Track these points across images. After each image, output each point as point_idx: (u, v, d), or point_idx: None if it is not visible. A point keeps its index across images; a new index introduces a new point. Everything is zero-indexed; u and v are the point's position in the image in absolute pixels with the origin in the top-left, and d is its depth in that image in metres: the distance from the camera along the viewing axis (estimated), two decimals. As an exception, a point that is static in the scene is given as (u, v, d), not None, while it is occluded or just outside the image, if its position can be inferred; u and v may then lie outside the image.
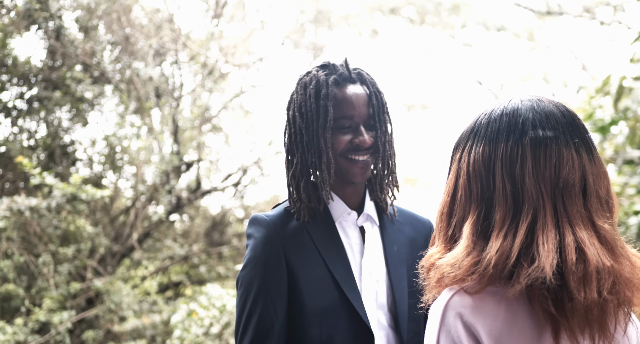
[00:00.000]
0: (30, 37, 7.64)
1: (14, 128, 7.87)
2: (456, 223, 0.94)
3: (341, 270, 1.30)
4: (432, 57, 9.90)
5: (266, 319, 1.27)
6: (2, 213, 5.01)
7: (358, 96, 1.36)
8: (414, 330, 1.32)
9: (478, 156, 0.92)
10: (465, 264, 0.87)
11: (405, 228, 1.44)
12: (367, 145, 1.35)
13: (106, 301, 6.47)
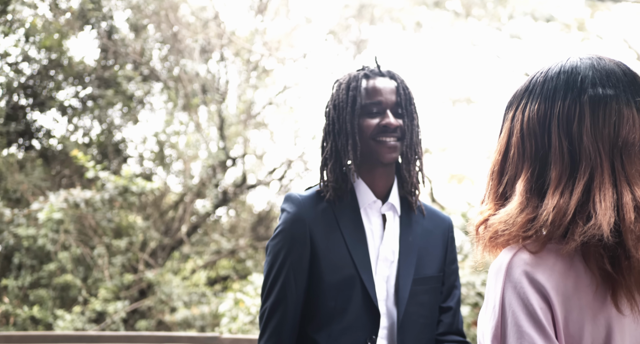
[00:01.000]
0: (84, 37, 7.96)
1: (70, 125, 8.21)
2: (507, 181, 0.94)
3: (359, 251, 1.43)
4: (478, 50, 9.73)
5: (286, 287, 1.42)
6: (59, 205, 5.24)
7: (385, 85, 1.50)
8: (411, 313, 1.43)
9: (533, 114, 0.92)
10: (519, 221, 0.87)
11: (424, 221, 1.54)
12: (393, 126, 1.46)
13: (157, 292, 6.66)
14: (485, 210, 0.95)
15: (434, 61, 10.13)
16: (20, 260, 6.58)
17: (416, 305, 1.43)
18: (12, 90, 7.77)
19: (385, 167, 1.51)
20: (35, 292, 6.42)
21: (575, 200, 0.86)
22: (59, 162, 8.02)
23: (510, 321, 0.83)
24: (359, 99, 1.48)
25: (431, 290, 1.46)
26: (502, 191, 0.95)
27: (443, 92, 10.09)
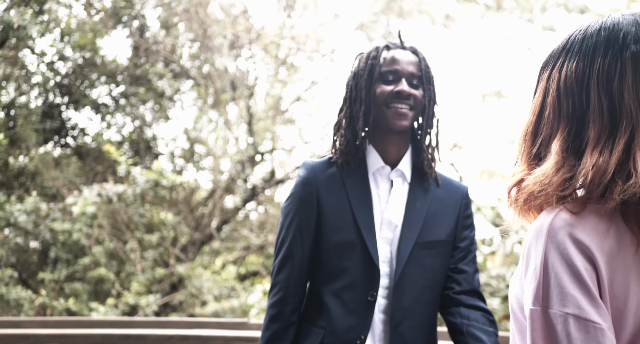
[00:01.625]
0: (117, 35, 8.12)
1: (103, 123, 8.40)
2: (542, 142, 0.93)
3: (363, 214, 1.50)
4: (510, 44, 9.56)
5: (293, 246, 1.52)
6: (92, 199, 5.35)
7: (404, 57, 1.54)
8: (410, 274, 1.48)
9: (571, 72, 0.90)
10: (555, 180, 0.86)
11: (436, 189, 1.57)
12: (405, 93, 1.50)
13: (188, 286, 6.75)
14: (518, 172, 0.94)
15: (464, 55, 10.00)
16: (56, 254, 6.75)
17: (417, 268, 1.47)
18: (48, 88, 7.98)
19: (398, 134, 1.56)
20: (70, 285, 6.59)
21: (615, 158, 0.84)
22: (92, 158, 8.20)
23: (553, 283, 0.81)
24: (377, 67, 1.53)
25: (437, 254, 1.50)
26: (536, 152, 0.93)
27: (473, 86, 9.95)
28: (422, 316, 1.47)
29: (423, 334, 1.48)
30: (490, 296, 4.60)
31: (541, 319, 0.80)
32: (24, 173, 7.79)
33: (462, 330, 1.45)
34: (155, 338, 2.58)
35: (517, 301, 0.90)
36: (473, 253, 1.54)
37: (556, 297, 0.80)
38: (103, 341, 2.53)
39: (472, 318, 1.46)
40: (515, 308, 0.91)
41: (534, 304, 0.82)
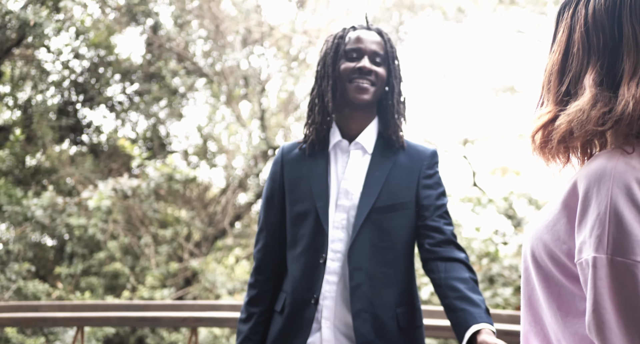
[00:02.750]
0: (131, 33, 8.20)
1: (118, 121, 8.49)
2: (571, 79, 0.90)
3: (318, 185, 1.61)
4: (523, 38, 9.51)
5: (264, 221, 1.70)
6: (107, 193, 5.42)
7: (368, 36, 1.63)
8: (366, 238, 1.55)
9: (599, 6, 0.88)
10: (594, 114, 0.83)
11: (398, 157, 1.64)
12: (366, 69, 1.59)
13: (202, 281, 6.80)
14: (545, 113, 0.92)
15: (477, 50, 9.96)
16: (72, 248, 6.84)
17: (376, 231, 1.55)
18: (63, 87, 8.09)
19: (360, 109, 1.65)
20: (86, 279, 6.67)
21: None
22: (107, 155, 8.30)
23: (622, 230, 0.77)
24: (342, 46, 1.63)
25: (399, 216, 1.57)
26: (565, 90, 0.91)
27: (487, 81, 9.90)
28: (385, 276, 1.54)
29: (389, 292, 1.53)
30: (503, 286, 4.59)
31: (608, 268, 0.77)
32: (40, 170, 7.90)
33: (440, 284, 1.49)
34: (170, 320, 2.62)
35: (545, 249, 0.87)
36: (442, 209, 1.59)
37: (626, 245, 0.76)
38: (119, 323, 2.57)
39: (448, 269, 1.50)
40: (541, 255, 0.88)
41: (598, 252, 0.78)
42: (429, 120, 9.78)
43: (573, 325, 0.84)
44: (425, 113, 9.80)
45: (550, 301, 0.88)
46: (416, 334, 1.56)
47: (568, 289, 0.86)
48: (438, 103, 9.66)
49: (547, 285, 0.88)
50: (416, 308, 1.58)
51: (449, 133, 9.28)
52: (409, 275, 1.58)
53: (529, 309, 0.92)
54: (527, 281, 0.93)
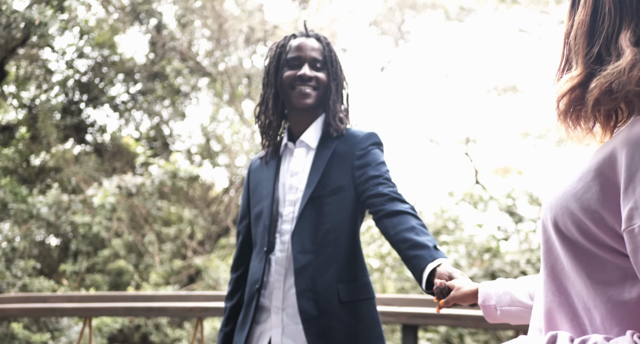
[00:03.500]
0: (134, 33, 8.25)
1: (121, 120, 8.54)
2: (603, 41, 0.87)
3: (267, 188, 1.74)
4: (525, 37, 9.53)
5: (239, 224, 1.85)
6: (112, 190, 5.46)
7: (307, 43, 1.72)
8: (307, 225, 1.64)
9: None
10: (635, 75, 0.81)
11: (337, 145, 1.71)
12: (307, 76, 1.68)
13: (205, 278, 6.84)
14: (575, 76, 0.88)
15: (479, 50, 9.99)
16: (76, 246, 6.88)
17: (319, 215, 1.65)
18: (67, 86, 8.14)
19: (305, 111, 1.74)
20: (91, 276, 6.71)
21: None
22: (111, 154, 8.34)
23: None
24: (284, 55, 1.72)
25: (339, 198, 1.66)
26: (597, 52, 0.87)
27: (489, 80, 9.93)
28: (327, 254, 1.62)
29: (330, 269, 1.61)
30: (506, 282, 4.60)
31: None
32: (45, 169, 7.95)
33: (392, 241, 1.55)
34: (176, 310, 2.65)
35: (571, 218, 0.85)
36: (379, 178, 1.64)
37: None
38: (126, 313, 2.61)
39: (395, 224, 1.55)
40: (566, 225, 0.87)
41: None
42: (432, 119, 9.80)
43: (605, 293, 0.83)
44: (428, 112, 9.82)
45: (579, 270, 0.86)
46: (360, 306, 1.62)
47: (598, 258, 0.84)
48: (441, 102, 9.68)
49: (574, 254, 0.87)
50: (360, 282, 1.65)
51: (451, 132, 9.30)
52: (352, 251, 1.65)
53: (552, 280, 0.90)
54: (549, 252, 0.91)
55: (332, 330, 1.56)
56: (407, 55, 10.01)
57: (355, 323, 1.59)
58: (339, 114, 1.74)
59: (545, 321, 0.90)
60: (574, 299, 0.87)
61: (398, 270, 4.95)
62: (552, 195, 0.91)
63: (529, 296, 1.22)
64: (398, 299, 2.89)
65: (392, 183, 1.65)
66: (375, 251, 5.00)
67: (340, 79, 1.76)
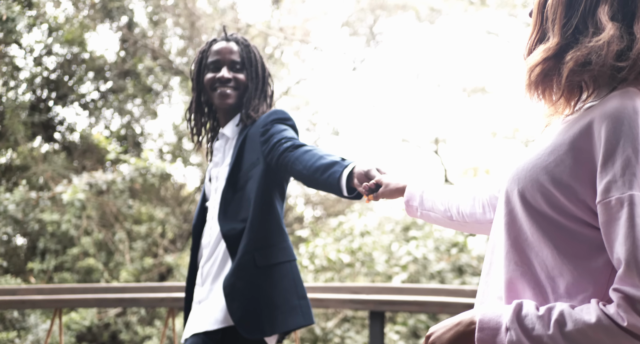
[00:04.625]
0: (105, 31, 8.17)
1: (91, 118, 8.43)
2: (582, 13, 0.87)
3: (204, 184, 1.89)
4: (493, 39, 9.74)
5: None
6: (82, 188, 5.41)
7: (224, 47, 1.83)
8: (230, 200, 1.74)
9: None
10: (613, 49, 0.82)
11: (249, 130, 1.80)
12: (224, 78, 1.79)
13: (177, 276, 6.82)
14: (552, 46, 0.88)
15: (450, 51, 10.18)
16: (45, 244, 6.78)
17: (231, 193, 1.75)
18: (35, 84, 8.01)
19: (227, 110, 1.85)
20: (59, 275, 6.62)
21: None
22: (80, 152, 8.24)
23: None
24: (205, 59, 1.84)
25: (254, 175, 1.74)
26: (575, 23, 0.88)
27: (459, 82, 10.12)
28: (244, 226, 1.71)
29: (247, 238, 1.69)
30: (472, 276, 4.73)
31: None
32: (12, 167, 7.81)
33: (309, 178, 1.58)
34: (148, 300, 2.67)
35: (540, 189, 0.87)
36: (283, 139, 1.69)
37: None
38: (98, 304, 2.61)
39: (303, 160, 1.60)
40: (534, 197, 0.88)
41: (631, 190, 0.78)
42: (403, 119, 9.94)
43: (572, 262, 0.85)
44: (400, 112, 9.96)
45: (545, 240, 0.87)
46: (275, 269, 1.71)
47: (566, 229, 0.86)
48: (412, 102, 9.83)
49: (541, 226, 0.88)
50: (277, 247, 1.73)
51: (422, 132, 9.46)
52: (267, 220, 1.73)
53: (514, 250, 0.91)
54: (512, 223, 0.91)
55: (247, 291, 1.65)
56: (378, 55, 10.14)
57: (271, 284, 1.69)
58: (257, 107, 1.83)
59: (506, 290, 0.92)
60: (537, 269, 0.88)
61: (368, 265, 5.03)
62: (518, 168, 0.91)
63: (447, 208, 1.30)
64: (366, 288, 2.97)
65: (291, 138, 1.69)
66: (346, 247, 5.08)
67: (260, 78, 1.85)
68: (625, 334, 0.77)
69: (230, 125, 1.86)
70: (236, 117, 1.86)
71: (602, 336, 0.78)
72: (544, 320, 0.82)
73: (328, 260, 4.88)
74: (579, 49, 0.85)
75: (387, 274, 5.07)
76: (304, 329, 5.13)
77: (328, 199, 9.58)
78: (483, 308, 0.90)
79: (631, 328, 0.77)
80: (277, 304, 1.66)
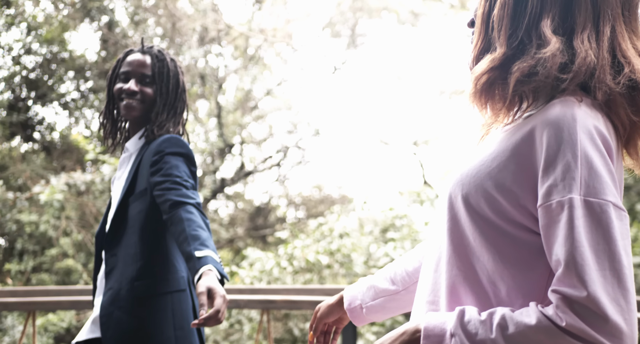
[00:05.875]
0: (85, 30, 8.12)
1: (71, 118, 8.37)
2: (527, 25, 0.90)
3: None
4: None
5: None
6: (60, 188, 5.38)
7: (137, 59, 1.83)
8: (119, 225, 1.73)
9: None
10: (557, 61, 0.85)
11: (145, 151, 1.79)
12: (130, 90, 1.78)
13: (156, 277, 6.80)
14: (497, 57, 0.90)
15: (430, 54, 10.26)
16: (22, 245, 6.73)
17: (124, 219, 1.73)
18: (14, 83, 7.93)
19: (133, 122, 1.85)
20: (37, 276, 6.57)
21: (606, 47, 0.86)
22: (60, 152, 8.17)
23: (592, 173, 0.82)
24: (118, 69, 1.84)
25: (141, 202, 1.73)
26: (520, 35, 0.90)
27: (439, 84, 10.21)
28: (130, 256, 1.70)
29: (131, 268, 1.69)
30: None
31: (584, 208, 0.80)
32: (-11, 167, 7.73)
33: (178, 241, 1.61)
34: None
35: (484, 195, 0.89)
36: (168, 182, 1.70)
37: (597, 186, 0.81)
38: (72, 307, 2.61)
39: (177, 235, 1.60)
40: (477, 202, 0.89)
41: (574, 193, 0.81)
42: (383, 120, 10.01)
43: (514, 266, 0.87)
44: (379, 113, 10.03)
45: (487, 245, 0.89)
46: (155, 300, 1.69)
47: (508, 234, 0.88)
48: (392, 104, 9.90)
49: (483, 231, 0.89)
50: (160, 278, 1.70)
51: (401, 134, 9.53)
52: (151, 251, 1.71)
53: (456, 255, 0.93)
54: (455, 228, 0.93)
55: (123, 321, 1.63)
56: (360, 57, 10.20)
57: (148, 315, 1.66)
58: (163, 123, 1.82)
59: (448, 295, 0.93)
60: (479, 273, 0.90)
61: (347, 266, 5.08)
62: (462, 174, 0.93)
63: (391, 281, 1.20)
64: (339, 290, 3.00)
65: (179, 186, 1.68)
66: (324, 248, 5.12)
67: (171, 94, 1.84)
68: (564, 335, 0.79)
69: (134, 138, 1.85)
70: (141, 130, 1.85)
71: (543, 337, 0.80)
72: (486, 325, 0.84)
73: (307, 261, 4.92)
74: (525, 60, 0.87)
75: (365, 275, 5.12)
76: (283, 330, 5.16)
77: (310, 200, 9.62)
78: (427, 316, 0.92)
79: (569, 328, 0.78)
80: (151, 334, 1.65)
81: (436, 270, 0.98)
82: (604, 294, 0.78)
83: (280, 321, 5.17)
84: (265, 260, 4.87)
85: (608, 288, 0.79)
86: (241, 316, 4.93)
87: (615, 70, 0.87)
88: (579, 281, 0.78)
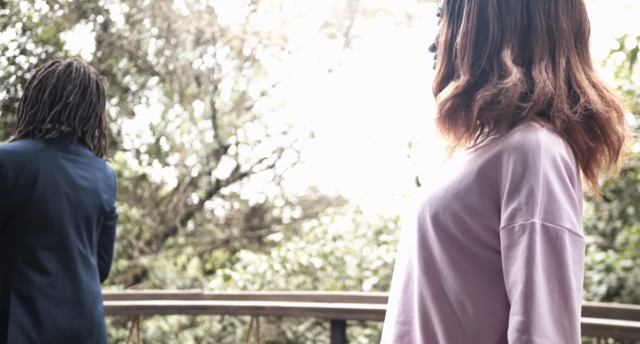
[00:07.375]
0: (80, 30, 8.11)
1: (67, 118, 8.36)
2: (487, 56, 0.92)
3: None
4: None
5: None
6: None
7: None
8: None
9: None
10: (518, 90, 0.88)
11: None
12: None
13: (151, 277, 6.82)
14: (463, 83, 0.93)
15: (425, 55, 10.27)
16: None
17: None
18: (9, 83, 7.92)
19: None
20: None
21: (562, 77, 0.90)
22: (55, 153, 8.17)
23: (552, 198, 0.84)
24: None
25: None
26: (482, 64, 0.93)
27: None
28: None
29: None
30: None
31: (541, 232, 0.83)
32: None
33: None
34: (112, 308, 2.69)
35: (452, 216, 0.91)
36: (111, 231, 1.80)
37: (556, 212, 0.83)
38: None
39: None
40: (446, 222, 0.91)
41: (533, 218, 0.83)
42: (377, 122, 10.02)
43: (480, 286, 0.90)
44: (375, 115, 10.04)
45: (454, 265, 0.91)
46: None
47: (474, 254, 0.90)
48: (386, 106, 9.92)
49: (450, 251, 0.91)
50: None
51: (395, 135, 9.55)
52: None
53: (425, 274, 0.95)
54: (424, 248, 0.95)
55: None
56: (355, 58, 10.21)
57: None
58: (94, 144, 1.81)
59: (419, 315, 0.95)
60: (447, 292, 0.92)
61: (340, 269, 5.10)
62: (431, 194, 0.95)
63: None
64: (328, 296, 3.02)
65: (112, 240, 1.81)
66: (318, 251, 5.13)
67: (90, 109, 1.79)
68: None
69: None
70: None
71: None
72: None
73: (300, 264, 4.93)
74: (487, 88, 0.90)
75: (358, 278, 5.14)
76: (275, 332, 5.18)
77: (306, 200, 9.63)
78: None
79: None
80: None
81: (405, 291, 0.99)
82: (549, 316, 0.82)
83: (273, 324, 5.19)
84: (259, 263, 4.89)
85: (554, 310, 0.82)
86: (234, 319, 4.95)
87: (572, 99, 0.90)
88: (530, 302, 0.82)
